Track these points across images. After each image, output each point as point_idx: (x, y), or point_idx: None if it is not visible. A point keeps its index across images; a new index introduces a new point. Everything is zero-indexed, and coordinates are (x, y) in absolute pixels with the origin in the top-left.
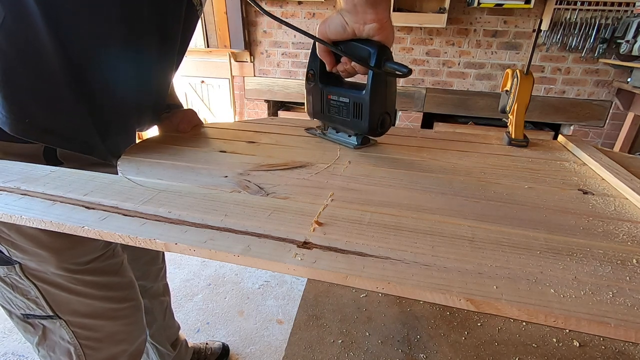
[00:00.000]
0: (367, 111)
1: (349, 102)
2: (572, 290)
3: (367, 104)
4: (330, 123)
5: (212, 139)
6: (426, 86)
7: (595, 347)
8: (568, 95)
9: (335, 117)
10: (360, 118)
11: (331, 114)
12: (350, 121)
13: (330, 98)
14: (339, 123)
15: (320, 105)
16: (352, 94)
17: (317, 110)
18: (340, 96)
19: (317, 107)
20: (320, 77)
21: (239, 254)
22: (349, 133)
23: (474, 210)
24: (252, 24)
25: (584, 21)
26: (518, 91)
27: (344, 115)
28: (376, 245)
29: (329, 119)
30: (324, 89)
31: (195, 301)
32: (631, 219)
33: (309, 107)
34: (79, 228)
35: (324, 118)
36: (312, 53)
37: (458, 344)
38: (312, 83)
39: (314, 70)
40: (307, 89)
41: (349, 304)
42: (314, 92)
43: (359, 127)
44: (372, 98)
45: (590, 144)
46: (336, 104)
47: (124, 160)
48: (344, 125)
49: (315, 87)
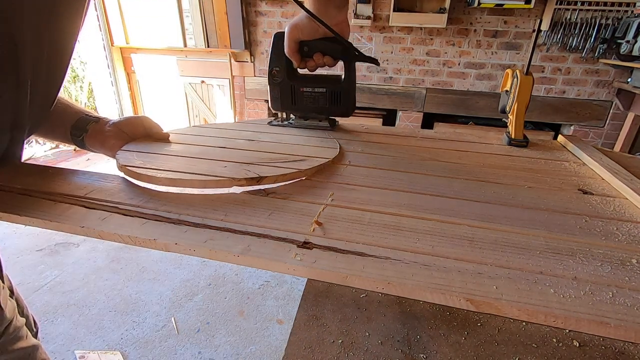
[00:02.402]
0: (346, 97)
1: (325, 91)
2: (572, 290)
3: (346, 91)
4: (301, 113)
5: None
6: (426, 86)
7: (595, 347)
8: (568, 96)
9: (309, 107)
10: (340, 103)
11: (304, 104)
12: (328, 107)
13: (303, 91)
14: (313, 111)
15: (290, 98)
16: (329, 84)
17: (286, 103)
18: (316, 87)
19: (286, 101)
20: (287, 74)
21: (239, 254)
22: (319, 119)
23: (474, 210)
24: (252, 24)
25: (584, 21)
26: (518, 91)
27: (321, 104)
28: (376, 245)
29: (301, 109)
30: (294, 84)
31: (196, 301)
32: (631, 219)
33: (276, 102)
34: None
35: (294, 109)
36: (273, 52)
37: (458, 344)
38: (278, 79)
39: (280, 68)
40: (273, 85)
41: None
42: (282, 87)
43: (338, 111)
44: (350, 86)
45: (590, 144)
46: (311, 95)
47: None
48: (319, 112)
49: (284, 82)
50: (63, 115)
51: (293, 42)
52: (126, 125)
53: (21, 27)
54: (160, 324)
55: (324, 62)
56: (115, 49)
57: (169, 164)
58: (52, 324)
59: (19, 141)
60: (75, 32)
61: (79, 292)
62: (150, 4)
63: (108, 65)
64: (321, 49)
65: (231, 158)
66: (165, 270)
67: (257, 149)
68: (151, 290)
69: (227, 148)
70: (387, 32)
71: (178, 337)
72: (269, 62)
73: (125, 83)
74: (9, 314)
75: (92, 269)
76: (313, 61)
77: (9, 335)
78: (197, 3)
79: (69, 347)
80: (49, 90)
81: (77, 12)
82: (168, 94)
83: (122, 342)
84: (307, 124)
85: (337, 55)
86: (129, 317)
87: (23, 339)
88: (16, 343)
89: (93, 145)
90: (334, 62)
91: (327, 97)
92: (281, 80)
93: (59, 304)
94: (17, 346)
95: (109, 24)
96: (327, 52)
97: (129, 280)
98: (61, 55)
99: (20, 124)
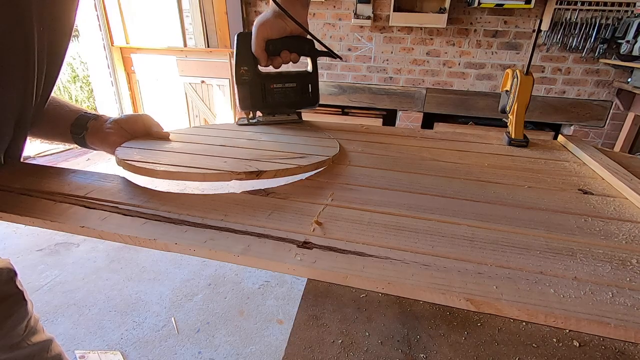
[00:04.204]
0: (315, 89)
1: (296, 85)
2: (572, 290)
3: (314, 83)
4: (272, 109)
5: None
6: (426, 86)
7: (595, 347)
8: (568, 96)
9: (280, 102)
10: (310, 95)
11: (276, 100)
12: (300, 100)
13: (273, 87)
14: (284, 106)
15: (261, 95)
16: (298, 79)
17: (257, 102)
18: (286, 83)
19: (257, 99)
20: (256, 72)
21: (239, 254)
22: (287, 113)
23: (474, 210)
24: (253, 24)
25: (585, 21)
26: (518, 91)
27: (291, 98)
28: (376, 245)
29: (272, 105)
30: (264, 82)
31: (196, 301)
32: (631, 219)
33: (246, 101)
34: (78, 228)
35: (265, 106)
36: (239, 52)
37: (458, 344)
38: (247, 78)
39: (248, 67)
40: (242, 84)
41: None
42: (252, 86)
43: (308, 102)
44: (317, 78)
45: (590, 144)
46: (281, 91)
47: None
48: (290, 106)
49: (254, 81)
50: (61, 115)
51: (262, 40)
52: (126, 122)
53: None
54: (160, 323)
55: (290, 59)
56: (115, 49)
57: (169, 159)
58: (52, 323)
59: (22, 138)
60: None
61: (79, 292)
62: (150, 4)
63: (108, 65)
64: (288, 47)
65: (231, 155)
66: (165, 270)
67: (257, 147)
68: (151, 290)
69: (227, 146)
70: (387, 32)
71: (178, 337)
72: (235, 62)
73: (125, 83)
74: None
75: (92, 269)
76: (280, 59)
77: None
78: (197, 3)
79: (69, 347)
80: (47, 87)
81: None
82: (168, 94)
83: (122, 342)
84: (275, 120)
85: (304, 52)
86: (129, 317)
87: (41, 332)
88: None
89: (93, 142)
90: (299, 58)
91: (298, 91)
92: (251, 79)
93: (59, 304)
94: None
95: (109, 24)
96: (293, 50)
97: (129, 280)
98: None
99: (25, 119)
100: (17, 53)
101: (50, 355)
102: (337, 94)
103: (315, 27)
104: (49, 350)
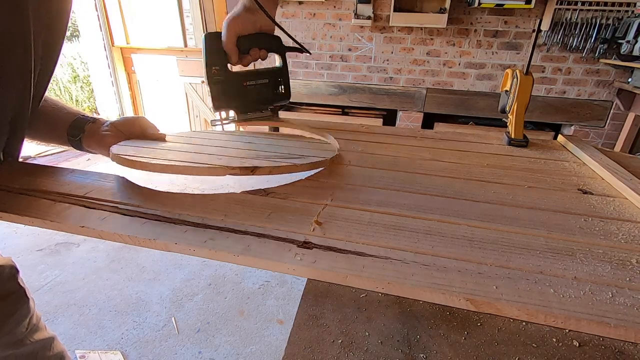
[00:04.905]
0: (286, 83)
1: (268, 81)
2: (572, 290)
3: (285, 78)
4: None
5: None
6: (426, 86)
7: (595, 347)
8: (568, 96)
9: (255, 98)
10: (282, 90)
11: (250, 98)
12: (273, 96)
13: (246, 85)
14: (259, 102)
15: (235, 94)
16: (271, 75)
17: (231, 100)
18: (258, 79)
19: (231, 97)
20: (228, 71)
21: (239, 254)
22: (261, 109)
23: (474, 210)
24: None
25: (585, 21)
26: (518, 91)
27: (265, 94)
28: (376, 245)
29: (246, 102)
30: (237, 80)
31: (196, 301)
32: (631, 219)
33: (219, 101)
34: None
35: (238, 105)
36: (209, 52)
37: (458, 344)
38: (221, 77)
39: (219, 66)
40: (215, 84)
41: (349, 304)
42: (225, 85)
43: (280, 98)
44: (287, 74)
45: (590, 144)
46: (255, 88)
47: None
48: (264, 103)
49: (227, 80)
50: (58, 117)
51: (234, 36)
52: (123, 125)
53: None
54: (160, 323)
55: (259, 56)
56: (116, 49)
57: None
58: (53, 323)
59: (20, 138)
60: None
61: (79, 292)
62: (151, 3)
63: (108, 65)
64: (257, 43)
65: (227, 153)
66: (165, 270)
67: (255, 148)
68: (151, 290)
69: (223, 147)
70: (388, 32)
71: (178, 337)
72: (206, 63)
73: (125, 83)
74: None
75: (92, 269)
76: (250, 57)
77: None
78: (198, 3)
79: (69, 346)
80: (41, 86)
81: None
82: (168, 94)
83: (123, 341)
84: (250, 117)
85: (273, 48)
86: (129, 317)
87: (43, 329)
88: (37, 333)
89: (90, 145)
90: (267, 55)
91: (270, 87)
92: (224, 77)
93: (60, 304)
94: (38, 337)
95: (109, 24)
96: (263, 46)
97: (129, 280)
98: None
99: (23, 119)
100: (16, 52)
101: (52, 353)
102: (337, 94)
103: (316, 27)
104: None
